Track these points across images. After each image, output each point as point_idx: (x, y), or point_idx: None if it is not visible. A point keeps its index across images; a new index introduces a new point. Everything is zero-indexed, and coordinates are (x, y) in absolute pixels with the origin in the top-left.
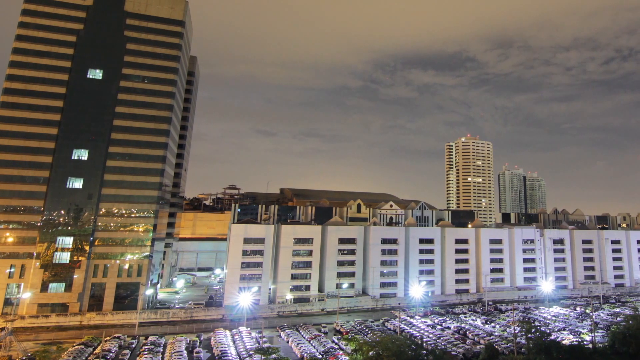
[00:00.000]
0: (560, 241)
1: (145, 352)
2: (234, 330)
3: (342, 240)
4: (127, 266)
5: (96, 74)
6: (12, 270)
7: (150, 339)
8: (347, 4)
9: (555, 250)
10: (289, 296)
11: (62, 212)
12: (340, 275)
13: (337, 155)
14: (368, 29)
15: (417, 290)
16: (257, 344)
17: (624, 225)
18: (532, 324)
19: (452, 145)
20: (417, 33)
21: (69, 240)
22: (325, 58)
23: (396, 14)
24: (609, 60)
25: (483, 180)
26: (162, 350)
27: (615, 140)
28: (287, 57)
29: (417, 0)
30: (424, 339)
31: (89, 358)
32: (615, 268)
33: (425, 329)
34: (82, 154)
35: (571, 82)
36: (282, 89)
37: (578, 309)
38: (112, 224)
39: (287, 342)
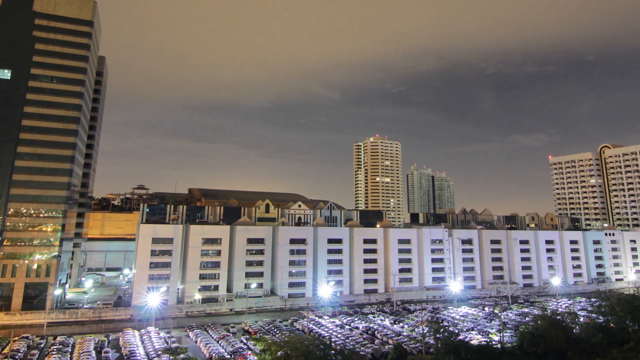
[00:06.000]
0: (469, 241)
1: (54, 352)
2: (142, 330)
3: (250, 241)
4: (35, 266)
5: (4, 74)
6: None
7: (58, 339)
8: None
9: (464, 251)
10: (198, 296)
11: None
12: (248, 275)
13: (245, 156)
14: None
15: (326, 291)
16: (166, 344)
17: (532, 225)
18: (441, 324)
19: (360, 145)
20: (341, 43)
21: None
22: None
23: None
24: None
25: (392, 180)
26: (70, 350)
27: (522, 141)
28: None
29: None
30: (333, 339)
31: None
32: (524, 268)
33: (334, 329)
34: None
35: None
36: (196, 93)
37: (487, 309)
38: (20, 224)
39: (196, 342)
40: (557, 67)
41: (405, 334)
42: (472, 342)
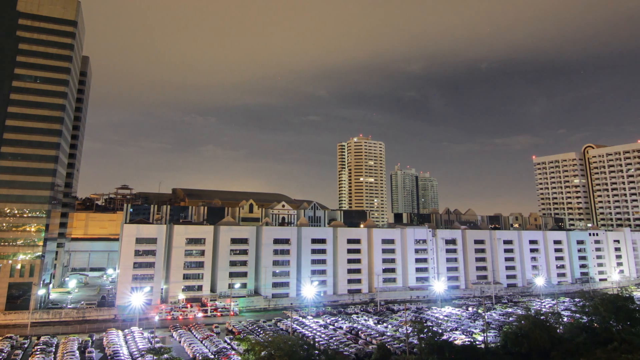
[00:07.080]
0: (453, 241)
1: (38, 352)
2: (126, 331)
3: (234, 240)
4: (19, 266)
5: None
6: None
7: (42, 339)
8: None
9: (448, 250)
10: (182, 296)
11: None
12: (232, 275)
13: (229, 156)
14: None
15: (310, 291)
16: (149, 344)
17: (516, 225)
18: (424, 324)
19: (344, 145)
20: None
21: None
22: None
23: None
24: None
25: (375, 180)
26: (54, 350)
27: (507, 142)
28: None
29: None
30: (317, 339)
31: None
32: (508, 268)
33: (318, 329)
34: None
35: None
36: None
37: (470, 309)
38: (3, 224)
39: (180, 342)
40: (547, 68)
41: (389, 333)
42: (455, 342)
